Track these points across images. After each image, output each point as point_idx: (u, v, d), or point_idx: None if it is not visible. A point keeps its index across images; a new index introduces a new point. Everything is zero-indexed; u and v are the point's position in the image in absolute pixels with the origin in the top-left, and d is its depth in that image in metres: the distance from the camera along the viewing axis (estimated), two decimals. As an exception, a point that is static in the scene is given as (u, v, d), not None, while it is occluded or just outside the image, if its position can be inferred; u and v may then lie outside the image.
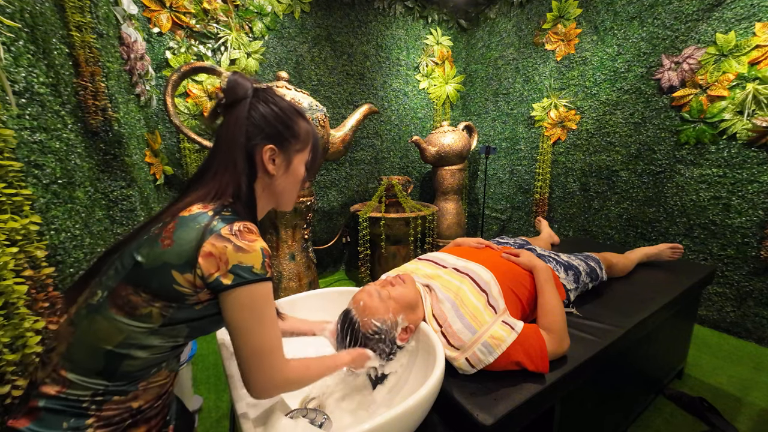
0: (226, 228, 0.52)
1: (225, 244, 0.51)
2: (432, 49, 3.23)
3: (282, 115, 0.63)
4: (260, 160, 0.62)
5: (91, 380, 0.49)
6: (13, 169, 0.73)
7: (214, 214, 0.54)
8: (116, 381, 0.50)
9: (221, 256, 0.51)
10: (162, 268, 0.50)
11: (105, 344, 0.50)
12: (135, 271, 0.51)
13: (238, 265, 0.51)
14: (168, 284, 0.50)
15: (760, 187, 1.77)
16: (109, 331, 0.50)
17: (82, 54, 1.11)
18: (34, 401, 0.49)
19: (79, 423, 0.48)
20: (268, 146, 0.62)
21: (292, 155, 0.65)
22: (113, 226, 1.27)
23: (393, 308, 0.84)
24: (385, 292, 0.87)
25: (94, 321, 0.50)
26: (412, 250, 2.46)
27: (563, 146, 2.68)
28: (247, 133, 0.60)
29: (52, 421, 0.48)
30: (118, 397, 0.51)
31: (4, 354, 0.66)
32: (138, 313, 0.50)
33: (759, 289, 1.82)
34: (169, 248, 0.51)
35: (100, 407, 0.49)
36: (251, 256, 0.52)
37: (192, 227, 0.52)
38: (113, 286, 0.51)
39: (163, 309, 0.51)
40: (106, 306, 0.50)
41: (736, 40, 1.78)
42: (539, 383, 0.78)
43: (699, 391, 1.47)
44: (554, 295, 0.94)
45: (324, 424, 0.72)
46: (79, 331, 0.51)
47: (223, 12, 2.22)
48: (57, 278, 0.87)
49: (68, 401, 0.48)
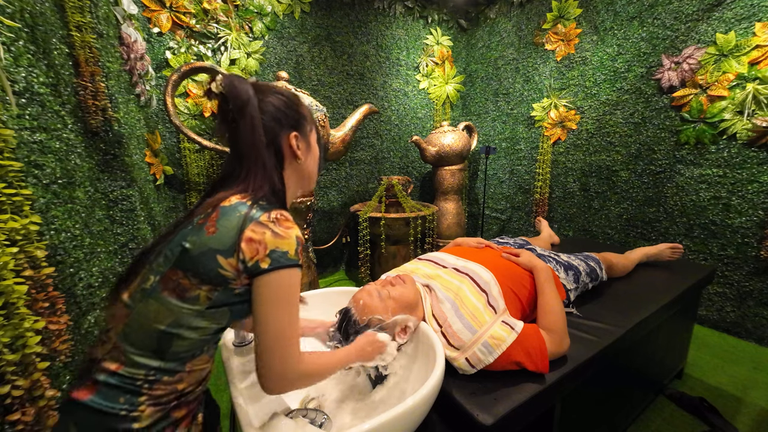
0: (264, 215, 0.56)
1: (264, 230, 0.55)
2: (432, 49, 3.23)
3: (288, 101, 0.66)
4: (287, 148, 0.66)
5: (146, 359, 0.53)
6: (13, 169, 0.73)
7: (253, 203, 0.58)
8: (167, 360, 0.55)
9: (261, 241, 0.54)
10: (208, 253, 0.54)
11: (158, 324, 0.54)
12: (183, 257, 0.55)
13: (276, 250, 0.55)
14: (214, 268, 0.54)
15: (760, 187, 1.77)
16: (162, 312, 0.54)
17: (82, 54, 1.11)
18: (95, 376, 0.53)
19: (133, 399, 0.52)
20: (293, 134, 0.66)
21: (308, 136, 0.70)
22: (113, 226, 1.27)
23: (392, 308, 0.84)
24: (385, 291, 0.87)
25: (148, 303, 0.54)
26: (412, 250, 2.46)
27: (563, 146, 2.68)
28: (267, 128, 0.63)
29: (110, 395, 0.52)
30: (168, 377, 0.55)
31: (4, 354, 0.66)
32: (187, 296, 0.54)
33: (759, 289, 1.82)
34: (213, 235, 0.55)
35: (151, 386, 0.53)
36: (287, 242, 0.56)
37: (233, 215, 0.56)
38: (164, 272, 0.55)
39: (209, 292, 0.55)
40: (159, 289, 0.54)
41: (736, 40, 1.78)
42: (539, 383, 0.78)
43: (699, 391, 1.47)
44: (554, 295, 0.94)
45: (324, 424, 0.72)
46: (134, 313, 0.55)
47: (223, 12, 2.22)
48: (57, 278, 0.87)
49: (125, 378, 0.53)
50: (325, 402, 0.80)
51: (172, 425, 0.56)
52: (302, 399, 0.81)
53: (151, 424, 0.53)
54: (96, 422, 0.51)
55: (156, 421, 0.54)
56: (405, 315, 0.85)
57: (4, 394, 0.67)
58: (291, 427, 0.62)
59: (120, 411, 0.51)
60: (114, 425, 0.51)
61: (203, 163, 2.27)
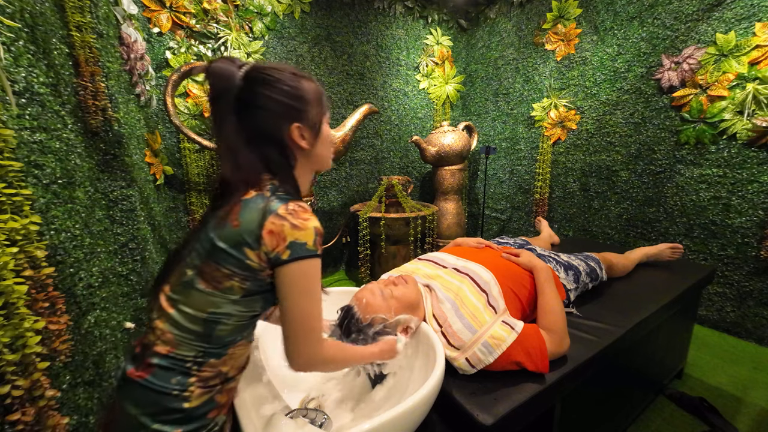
0: (282, 207, 0.57)
1: (283, 222, 0.56)
2: (432, 49, 3.23)
3: (289, 89, 0.62)
4: (291, 141, 0.63)
5: (194, 342, 0.57)
6: (13, 169, 0.73)
7: (271, 194, 0.59)
8: (213, 344, 0.58)
9: (280, 233, 0.56)
10: (236, 246, 0.57)
11: (201, 313, 0.57)
12: (214, 250, 0.57)
13: (295, 242, 0.56)
14: (242, 260, 0.57)
15: (760, 187, 1.77)
16: (202, 301, 0.58)
17: (82, 54, 1.11)
18: (149, 359, 0.57)
19: (184, 380, 0.56)
20: (294, 125, 0.63)
21: (314, 121, 0.66)
22: (113, 226, 1.27)
23: (395, 307, 0.84)
24: (387, 290, 0.87)
25: (189, 295, 0.58)
26: (412, 250, 2.46)
27: (563, 146, 2.68)
28: (264, 122, 0.61)
29: (164, 376, 0.56)
30: (214, 360, 0.59)
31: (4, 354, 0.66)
32: (222, 287, 0.57)
33: (759, 289, 1.82)
34: (237, 228, 0.57)
35: (200, 368, 0.58)
36: (305, 233, 0.57)
37: (254, 208, 0.57)
38: (199, 265, 0.58)
39: (241, 282, 0.58)
40: (197, 282, 0.58)
41: (736, 40, 1.78)
42: (539, 383, 0.78)
43: (699, 391, 1.47)
44: (554, 295, 0.94)
45: (324, 424, 0.72)
46: (179, 304, 0.58)
47: (223, 12, 2.22)
48: (57, 278, 0.87)
49: (176, 360, 0.57)
50: (325, 402, 0.80)
51: (216, 409, 0.60)
52: (302, 399, 0.81)
53: (199, 406, 0.57)
54: (152, 401, 0.55)
55: (203, 404, 0.58)
56: (407, 315, 0.85)
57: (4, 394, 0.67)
58: (291, 427, 0.62)
59: (172, 391, 0.55)
60: (167, 404, 0.55)
61: (203, 163, 2.27)
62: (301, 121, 0.63)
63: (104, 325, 1.06)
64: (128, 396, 0.56)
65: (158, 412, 0.55)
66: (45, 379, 0.75)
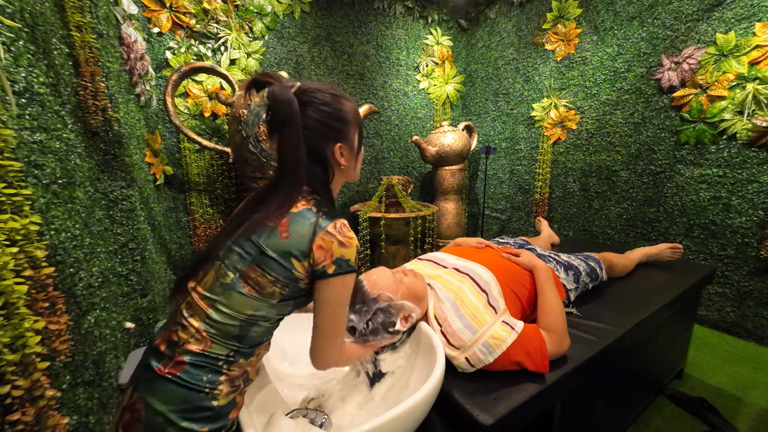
0: (331, 225, 0.62)
1: (332, 239, 0.61)
2: (432, 49, 3.23)
3: (333, 111, 0.66)
4: (333, 159, 0.68)
5: (229, 342, 0.59)
6: (13, 169, 0.73)
7: (318, 210, 0.64)
8: (244, 344, 0.61)
9: (328, 249, 0.61)
10: (284, 256, 0.60)
11: (240, 314, 0.60)
12: (261, 257, 0.60)
13: (341, 258, 0.62)
14: (289, 270, 0.61)
15: (760, 187, 1.77)
16: (243, 304, 0.60)
17: (82, 54, 1.11)
18: (180, 357, 0.58)
19: (215, 378, 0.58)
20: (337, 145, 0.68)
21: (353, 139, 0.71)
22: (113, 226, 1.27)
23: (402, 292, 0.86)
24: (398, 275, 0.89)
25: (230, 297, 0.60)
26: (412, 250, 2.46)
27: (563, 146, 2.68)
28: (311, 144, 0.65)
29: (194, 374, 0.57)
30: (243, 360, 0.61)
31: (4, 354, 0.66)
32: (264, 292, 0.61)
33: (759, 289, 1.82)
34: (287, 240, 0.61)
35: (229, 367, 0.60)
36: (350, 251, 0.63)
37: (303, 223, 0.62)
38: (243, 269, 0.61)
39: (282, 288, 0.61)
40: (240, 285, 0.60)
41: (736, 40, 1.78)
42: (539, 383, 0.78)
43: (699, 391, 1.47)
44: (554, 295, 0.94)
45: (324, 424, 0.72)
46: (217, 304, 0.60)
47: (223, 12, 2.22)
48: (57, 278, 0.87)
49: (209, 358, 0.58)
50: (325, 402, 0.80)
51: (236, 410, 0.62)
52: (302, 399, 0.81)
53: (225, 405, 0.59)
54: (182, 398, 0.56)
55: (228, 403, 0.60)
56: (412, 304, 0.86)
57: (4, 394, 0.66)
58: (291, 427, 0.62)
59: (204, 389, 0.57)
60: (197, 402, 0.56)
61: (203, 163, 2.27)
62: (342, 140, 0.68)
63: (104, 325, 1.06)
64: (156, 393, 0.56)
65: (188, 409, 0.56)
66: (45, 379, 0.75)
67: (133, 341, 1.34)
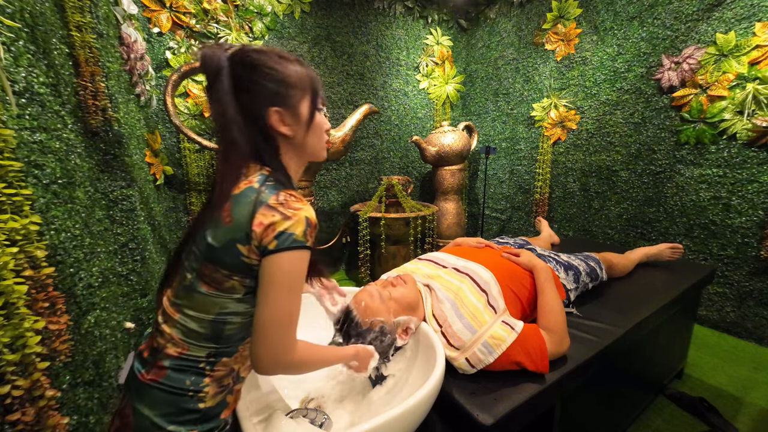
0: (273, 198, 0.55)
1: (273, 213, 0.54)
2: (432, 49, 3.23)
3: (270, 72, 0.59)
4: (272, 126, 0.60)
5: (204, 343, 0.57)
6: (13, 169, 0.73)
7: (260, 185, 0.57)
8: (222, 343, 0.58)
9: (270, 224, 0.54)
10: (229, 244, 0.55)
11: (207, 315, 0.57)
12: (209, 251, 0.56)
13: (283, 232, 0.54)
14: (237, 258, 0.55)
15: (760, 187, 1.77)
16: (207, 303, 0.57)
17: (82, 54, 1.11)
18: (161, 362, 0.56)
19: (199, 380, 0.56)
20: (272, 109, 0.59)
21: (298, 107, 0.61)
22: (113, 226, 1.27)
23: (394, 309, 0.84)
24: (386, 292, 0.87)
25: (192, 298, 0.57)
26: (412, 250, 2.46)
27: (563, 146, 2.68)
28: (246, 106, 0.58)
29: (177, 378, 0.56)
30: (226, 358, 0.58)
31: (4, 354, 0.66)
32: (223, 287, 0.56)
33: (759, 289, 1.82)
34: (230, 225, 0.55)
35: (213, 367, 0.57)
36: (295, 223, 0.55)
37: (244, 202, 0.55)
38: (197, 268, 0.57)
39: (241, 280, 0.56)
40: (198, 285, 0.57)
41: (736, 40, 1.78)
42: (539, 383, 0.78)
43: (699, 391, 1.47)
44: (554, 295, 0.94)
45: (324, 424, 0.72)
46: (183, 308, 0.58)
47: (223, 12, 2.22)
48: (57, 278, 0.87)
49: (188, 361, 0.56)
50: (325, 402, 0.80)
51: (227, 409, 0.60)
52: (302, 399, 0.81)
53: (214, 406, 0.57)
54: (167, 402, 0.55)
55: (217, 404, 0.58)
56: (407, 316, 0.85)
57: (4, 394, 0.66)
58: (291, 427, 0.62)
59: (188, 392, 0.55)
60: (183, 405, 0.55)
61: (203, 163, 2.27)
62: (281, 105, 0.60)
63: (104, 325, 1.06)
64: (142, 399, 0.56)
65: (174, 413, 0.55)
66: (45, 379, 0.75)
67: (133, 341, 1.34)
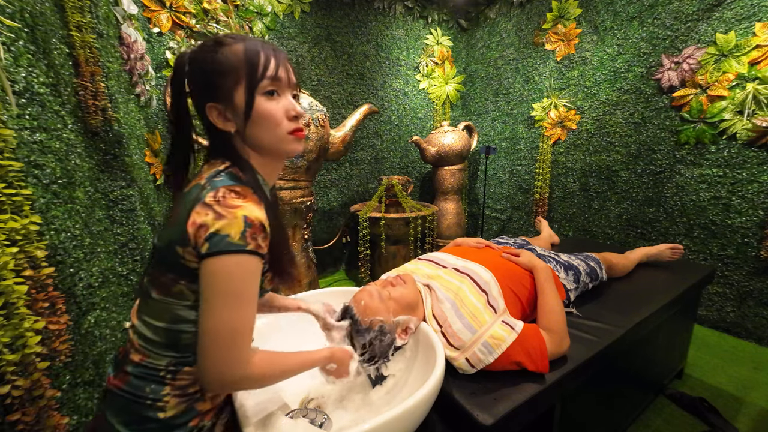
0: (210, 194, 0.50)
1: (207, 211, 0.48)
2: (432, 49, 3.23)
3: (201, 61, 0.53)
4: (215, 122, 0.56)
5: (163, 352, 0.54)
6: (13, 169, 0.73)
7: (206, 182, 0.52)
8: (182, 352, 0.55)
9: (202, 223, 0.48)
10: (168, 246, 0.52)
11: (160, 322, 0.54)
12: (155, 254, 0.55)
13: (215, 233, 0.47)
14: (176, 261, 0.51)
15: (760, 187, 1.77)
16: (160, 310, 0.54)
17: (82, 54, 1.11)
18: (125, 367, 0.55)
19: (159, 389, 0.54)
20: (207, 105, 0.55)
21: (234, 97, 0.53)
22: (113, 226, 1.27)
23: (393, 309, 0.84)
24: (385, 292, 0.87)
25: (147, 304, 0.56)
26: (412, 250, 2.46)
27: (563, 146, 2.68)
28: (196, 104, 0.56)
29: (138, 385, 0.54)
30: (189, 368, 0.55)
31: (4, 354, 0.66)
32: (172, 292, 0.53)
33: (759, 289, 1.82)
34: (171, 226, 0.52)
35: (174, 377, 0.54)
36: (229, 223, 0.48)
37: (188, 201, 0.52)
38: (151, 272, 0.56)
39: (187, 286, 0.53)
40: (151, 290, 0.55)
41: (736, 40, 1.78)
42: (539, 383, 0.78)
43: (699, 391, 1.47)
44: (554, 295, 0.94)
45: (324, 424, 0.72)
46: (141, 314, 0.56)
47: (223, 12, 2.22)
48: (57, 278, 0.87)
49: (148, 369, 0.54)
50: (325, 402, 0.80)
51: (198, 417, 0.57)
52: (302, 399, 0.81)
53: (176, 416, 0.55)
54: (128, 409, 0.54)
55: (181, 413, 0.55)
56: (406, 316, 0.85)
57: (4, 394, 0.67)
58: (291, 427, 0.62)
59: (146, 400, 0.53)
60: (143, 413, 0.53)
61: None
62: (215, 98, 0.54)
63: (104, 325, 1.06)
64: (109, 404, 0.56)
65: (133, 421, 0.53)
66: (45, 379, 0.75)
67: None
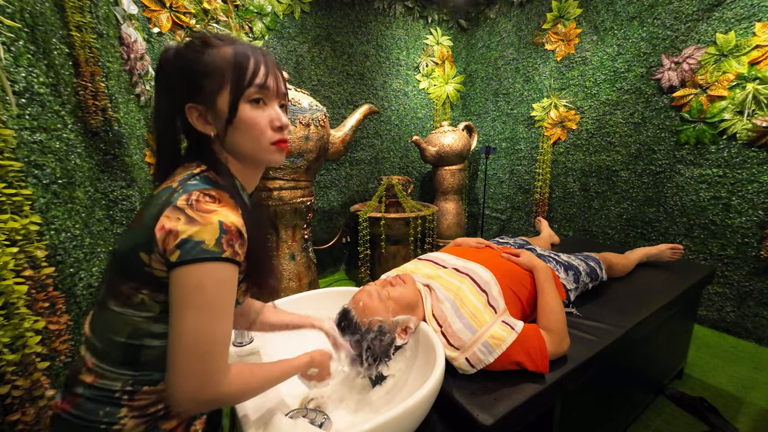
0: (183, 198, 0.46)
1: (178, 215, 0.45)
2: (432, 49, 3.23)
3: (183, 61, 0.50)
4: (194, 124, 0.53)
5: (119, 371, 0.49)
6: (13, 169, 0.73)
7: (179, 185, 0.48)
8: (141, 370, 0.50)
9: (172, 229, 0.44)
10: (130, 251, 0.47)
11: (118, 337, 0.49)
12: (114, 260, 0.50)
13: (187, 240, 0.44)
14: (139, 268, 0.47)
15: (760, 187, 1.77)
16: (117, 323, 0.49)
17: (82, 54, 1.11)
18: (75, 388, 0.50)
19: (114, 411, 0.49)
20: (187, 106, 0.51)
21: (216, 100, 0.51)
22: (113, 226, 1.27)
23: (392, 308, 0.84)
24: (384, 292, 0.87)
25: (102, 317, 0.51)
26: (412, 250, 2.46)
27: (563, 146, 2.68)
28: (169, 101, 0.52)
29: (90, 408, 0.48)
30: (148, 387, 0.50)
31: (4, 354, 0.66)
32: (132, 303, 0.48)
33: (759, 289, 1.82)
34: (135, 229, 0.48)
35: (131, 397, 0.49)
36: (203, 229, 0.44)
37: (156, 204, 0.47)
38: (108, 280, 0.51)
39: (150, 295, 0.48)
40: (108, 300, 0.50)
41: (736, 40, 1.78)
42: (539, 383, 0.78)
43: (699, 391, 1.47)
44: (554, 295, 0.94)
45: (324, 424, 0.72)
46: (95, 327, 0.51)
47: (223, 12, 2.22)
48: (57, 278, 0.87)
49: (102, 390, 0.49)
50: (325, 402, 0.80)
51: None
52: (302, 399, 0.81)
53: None
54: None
55: None
56: (406, 315, 0.85)
57: (4, 394, 0.66)
58: (291, 427, 0.62)
59: (100, 425, 0.48)
60: None
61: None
62: (195, 99, 0.51)
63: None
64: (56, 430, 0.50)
65: None
66: (45, 379, 0.75)
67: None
